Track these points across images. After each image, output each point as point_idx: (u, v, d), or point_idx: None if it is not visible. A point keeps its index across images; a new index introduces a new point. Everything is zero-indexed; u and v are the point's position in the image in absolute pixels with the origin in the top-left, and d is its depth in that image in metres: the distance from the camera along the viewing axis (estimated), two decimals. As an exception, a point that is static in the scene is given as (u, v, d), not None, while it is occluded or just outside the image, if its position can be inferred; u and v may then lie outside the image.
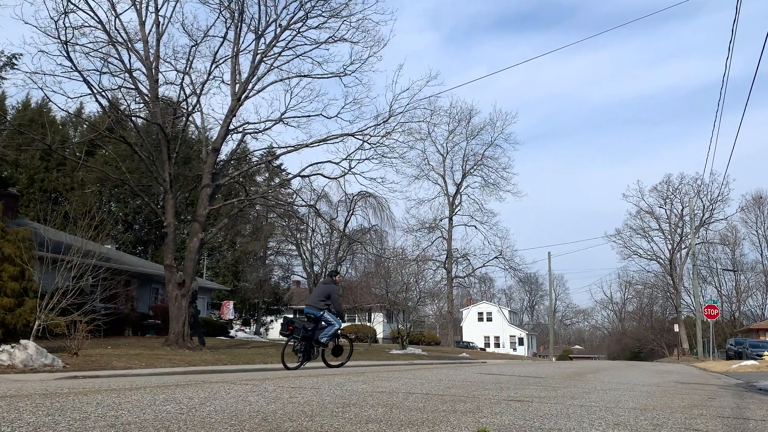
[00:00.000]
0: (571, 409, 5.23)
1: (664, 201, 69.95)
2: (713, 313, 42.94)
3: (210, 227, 26.90)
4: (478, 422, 4.18)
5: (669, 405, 6.15)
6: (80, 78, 19.34)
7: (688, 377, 14.22)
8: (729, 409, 5.95)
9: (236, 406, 4.53)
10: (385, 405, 4.95)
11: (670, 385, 9.76)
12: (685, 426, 4.46)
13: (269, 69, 22.62)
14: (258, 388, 6.21)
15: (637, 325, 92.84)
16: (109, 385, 6.33)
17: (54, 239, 15.92)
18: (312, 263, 37.68)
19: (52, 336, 13.72)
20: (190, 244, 21.70)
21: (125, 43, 20.47)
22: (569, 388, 7.83)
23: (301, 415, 4.19)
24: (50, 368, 9.81)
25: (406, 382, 7.64)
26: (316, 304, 13.04)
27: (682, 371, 19.75)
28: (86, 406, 4.26)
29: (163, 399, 4.89)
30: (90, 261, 15.03)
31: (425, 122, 26.31)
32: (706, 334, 48.08)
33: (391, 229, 40.45)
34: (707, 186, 65.77)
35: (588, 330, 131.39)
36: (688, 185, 67.97)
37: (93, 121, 29.90)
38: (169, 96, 24.01)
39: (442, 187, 63.10)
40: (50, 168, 47.08)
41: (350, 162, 22.89)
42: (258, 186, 37.06)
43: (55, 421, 3.57)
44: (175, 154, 21.65)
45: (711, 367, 25.07)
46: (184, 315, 19.94)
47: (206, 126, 23.85)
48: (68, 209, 17.20)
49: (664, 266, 72.98)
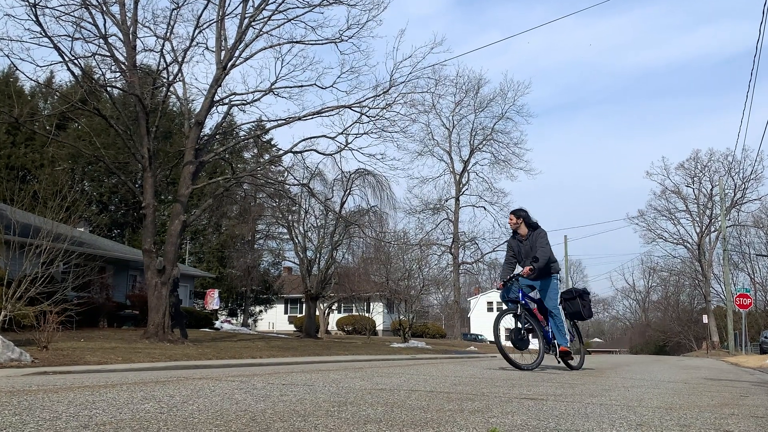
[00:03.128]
0: (589, 408, 5.24)
1: (692, 179, 70.03)
2: (746, 302, 42.99)
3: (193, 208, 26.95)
4: (488, 422, 4.18)
5: (697, 404, 6.16)
6: (50, 44, 19.21)
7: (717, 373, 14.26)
8: (763, 408, 5.95)
9: (222, 405, 4.53)
10: (386, 404, 4.95)
11: (698, 382, 9.79)
12: (714, 426, 4.46)
13: (258, 34, 22.51)
14: (246, 384, 6.22)
15: (662, 316, 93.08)
16: (82, 381, 6.34)
17: (22, 221, 15.92)
18: (305, 248, 37.65)
19: (19, 328, 13.74)
20: (171, 227, 21.69)
21: (99, 5, 20.32)
22: (587, 385, 7.84)
23: (293, 414, 4.20)
24: (17, 363, 9.83)
25: (408, 379, 7.66)
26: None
27: (712, 366, 19.81)
28: (57, 405, 4.26)
29: (141, 397, 4.89)
30: (61, 245, 15.05)
31: (429, 93, 26.27)
32: (738, 326, 48.17)
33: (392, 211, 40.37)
34: (739, 163, 65.84)
35: (608, 321, 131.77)
36: (719, 162, 67.99)
37: (64, 92, 29.84)
38: (148, 64, 23.98)
39: (447, 164, 63.16)
40: (18, 143, 47.10)
41: (347, 137, 22.86)
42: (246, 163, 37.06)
43: (22, 421, 3.57)
44: (155, 128, 21.58)
45: (743, 361, 25.16)
46: (164, 305, 19.96)
47: (189, 97, 23.82)
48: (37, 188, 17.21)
49: (691, 251, 73.13)
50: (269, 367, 10.59)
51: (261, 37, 22.67)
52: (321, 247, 38.09)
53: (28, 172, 46.06)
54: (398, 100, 22.92)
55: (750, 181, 66.49)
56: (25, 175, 44.67)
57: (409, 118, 24.11)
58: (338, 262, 40.12)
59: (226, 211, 45.61)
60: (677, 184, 70.96)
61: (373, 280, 44.11)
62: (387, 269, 41.64)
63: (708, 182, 69.12)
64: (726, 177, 65.37)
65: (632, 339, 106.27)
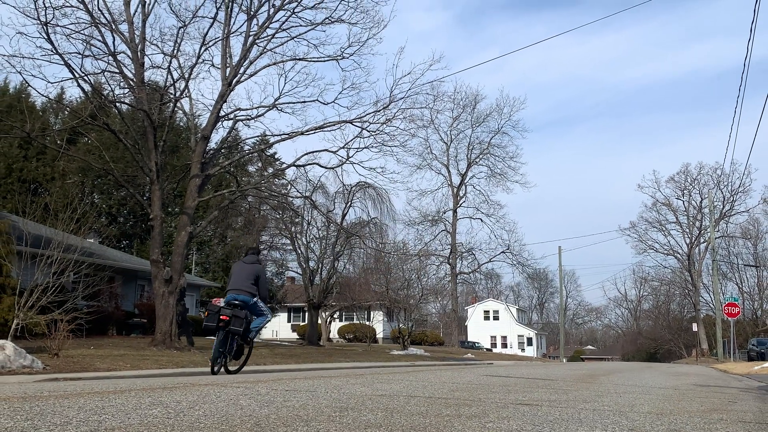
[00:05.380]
0: (583, 414, 5.24)
1: (682, 192, 69.99)
2: (734, 311, 42.89)
3: (199, 220, 26.93)
4: (484, 427, 4.18)
5: (687, 409, 6.16)
6: (61, 61, 19.30)
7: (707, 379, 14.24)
8: (751, 414, 5.95)
9: (227, 410, 4.53)
10: (385, 409, 4.95)
11: (687, 388, 9.78)
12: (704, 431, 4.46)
13: (262, 52, 22.59)
14: (250, 390, 6.22)
15: (653, 325, 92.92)
16: (91, 387, 6.34)
17: (33, 233, 15.93)
18: (308, 258, 37.61)
19: (31, 336, 13.73)
20: (178, 238, 21.70)
21: (109, 24, 20.41)
22: (581, 391, 7.83)
23: (296, 419, 4.20)
24: (29, 370, 9.82)
25: (407, 385, 7.65)
26: (248, 288, 10.92)
27: (701, 373, 19.78)
28: (67, 410, 4.26)
29: (149, 402, 4.89)
30: (72, 256, 15.06)
31: (428, 108, 26.30)
32: (727, 334, 48.06)
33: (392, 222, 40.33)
34: (728, 176, 65.84)
35: (601, 329, 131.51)
36: (708, 175, 67.99)
37: (75, 108, 29.87)
38: (156, 81, 23.99)
39: (445, 178, 63.05)
40: (29, 157, 47.11)
41: (348, 151, 22.90)
42: (250, 176, 37.04)
43: (34, 426, 3.57)
44: (162, 143, 21.61)
45: (732, 368, 25.11)
46: (171, 313, 19.95)
47: (195, 112, 23.84)
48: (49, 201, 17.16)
49: (681, 261, 73.01)
50: (273, 374, 10.57)
51: (265, 55, 22.78)
52: (323, 258, 38.04)
53: (40, 185, 46.07)
54: (398, 115, 22.99)
55: (738, 193, 66.51)
56: (36, 188, 44.70)
57: (408, 133, 24.17)
58: (340, 272, 40.07)
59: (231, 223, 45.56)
60: (668, 197, 70.98)
61: (374, 290, 44.03)
62: (387, 279, 41.57)
63: (697, 195, 69.17)
64: (715, 190, 65.38)
65: (624, 346, 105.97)
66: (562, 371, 15.49)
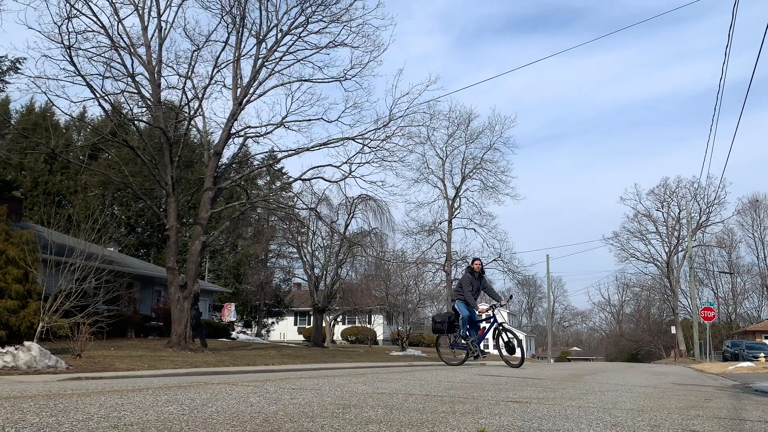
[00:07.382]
0: (569, 410, 5.23)
1: (661, 204, 70.20)
2: (710, 315, 42.92)
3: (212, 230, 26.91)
4: (477, 423, 4.18)
5: (666, 406, 6.15)
6: (83, 82, 19.34)
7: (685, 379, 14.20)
8: (725, 410, 5.94)
9: (238, 407, 4.52)
10: (385, 406, 4.95)
11: (667, 387, 9.76)
12: (682, 427, 4.45)
13: (270, 73, 22.63)
14: (259, 389, 6.21)
15: (634, 327, 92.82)
16: (112, 386, 6.33)
17: (57, 242, 15.91)
18: (313, 266, 37.62)
19: (55, 338, 13.71)
20: (192, 246, 21.69)
21: (128, 47, 20.46)
22: (567, 389, 7.82)
23: (302, 416, 4.19)
24: (54, 370, 9.81)
25: (405, 384, 7.63)
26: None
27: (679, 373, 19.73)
28: (89, 407, 4.25)
29: (165, 400, 4.88)
30: (93, 263, 15.04)
31: (425, 126, 26.33)
32: (703, 336, 48.06)
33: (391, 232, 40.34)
34: (704, 189, 66.01)
35: (586, 332, 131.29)
36: (685, 188, 68.27)
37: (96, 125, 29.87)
38: (172, 100, 24.00)
39: (441, 191, 62.91)
40: (54, 171, 47.17)
41: (350, 165, 22.88)
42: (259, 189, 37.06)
43: (58, 422, 3.57)
44: (178, 158, 21.63)
45: (708, 368, 25.04)
46: (186, 317, 19.92)
47: (208, 130, 23.88)
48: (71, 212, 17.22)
49: (661, 269, 73.05)
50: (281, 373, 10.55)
51: (273, 76, 22.80)
52: (327, 265, 38.04)
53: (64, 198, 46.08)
54: (397, 132, 22.96)
55: (714, 205, 66.70)
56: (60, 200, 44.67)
57: (406, 149, 24.15)
58: (343, 278, 40.06)
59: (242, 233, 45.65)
60: (648, 208, 71.16)
61: (374, 295, 43.98)
62: (387, 285, 41.52)
63: (676, 207, 69.32)
64: (692, 202, 65.58)
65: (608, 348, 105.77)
66: (550, 371, 15.44)
